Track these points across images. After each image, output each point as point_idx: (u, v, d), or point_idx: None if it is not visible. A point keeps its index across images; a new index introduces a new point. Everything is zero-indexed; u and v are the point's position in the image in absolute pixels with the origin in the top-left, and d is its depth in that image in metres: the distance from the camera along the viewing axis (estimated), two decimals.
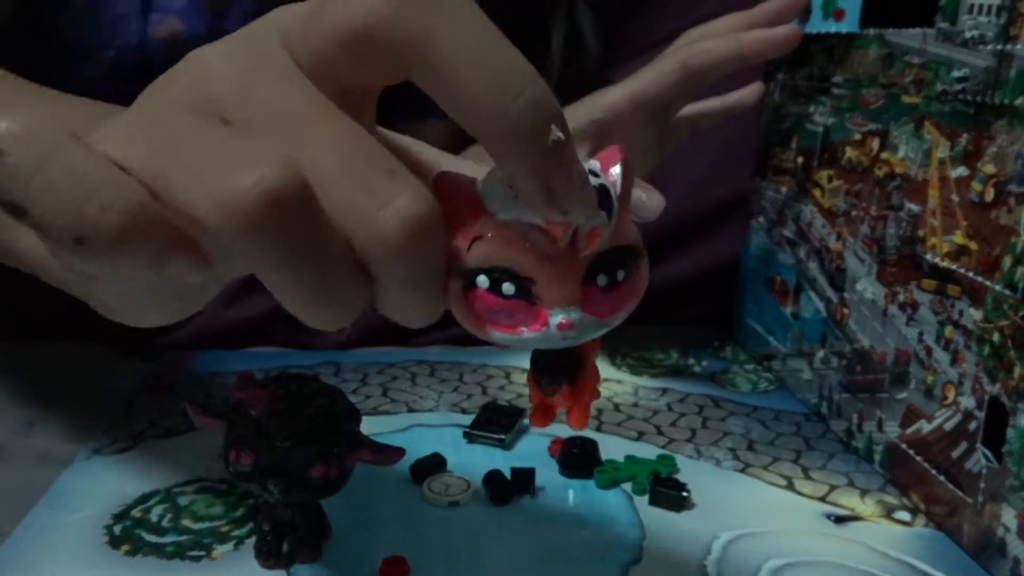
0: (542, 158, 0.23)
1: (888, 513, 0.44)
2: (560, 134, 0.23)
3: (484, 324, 0.26)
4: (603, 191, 0.25)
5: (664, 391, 0.58)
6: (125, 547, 0.40)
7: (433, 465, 0.46)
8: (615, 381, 0.60)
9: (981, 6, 0.41)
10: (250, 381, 0.37)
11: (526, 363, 0.62)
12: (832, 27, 0.52)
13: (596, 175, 0.26)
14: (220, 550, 0.40)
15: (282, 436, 0.36)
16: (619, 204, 0.26)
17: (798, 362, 0.57)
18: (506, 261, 0.25)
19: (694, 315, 0.70)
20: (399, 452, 0.39)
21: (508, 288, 0.25)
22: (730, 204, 0.67)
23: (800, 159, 0.57)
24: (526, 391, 0.58)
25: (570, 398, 0.30)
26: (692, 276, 0.69)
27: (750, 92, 0.61)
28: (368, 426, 0.39)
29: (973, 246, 0.41)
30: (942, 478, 0.42)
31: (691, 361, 0.63)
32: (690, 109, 0.61)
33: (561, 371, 0.30)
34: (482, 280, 0.25)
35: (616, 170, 0.26)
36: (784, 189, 0.59)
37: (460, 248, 0.25)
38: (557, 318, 0.25)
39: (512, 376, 0.60)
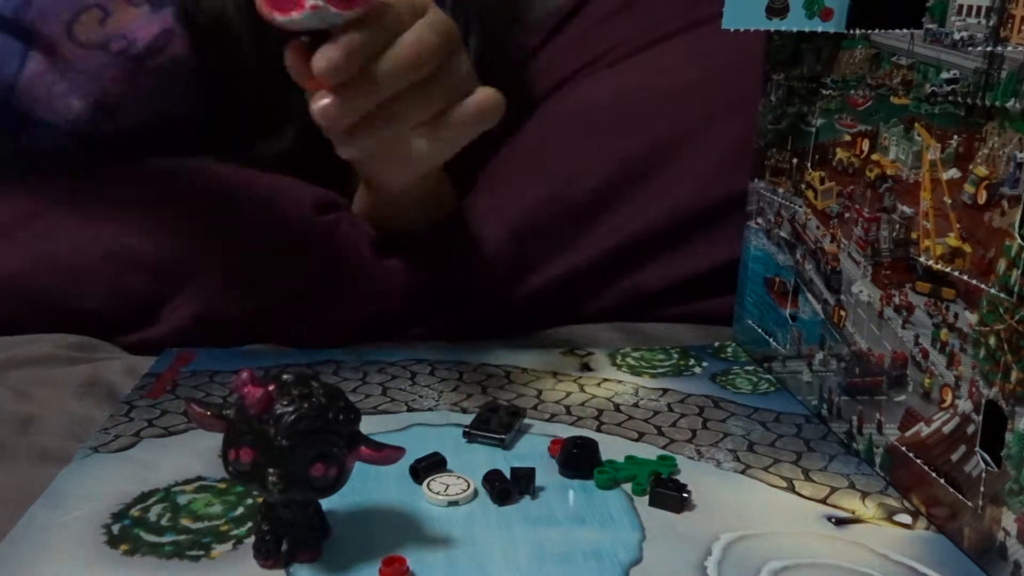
0: None
1: (889, 515, 0.44)
2: None
3: (272, 10, 0.43)
4: None
5: (664, 391, 0.58)
6: (124, 546, 0.40)
7: (433, 464, 0.46)
8: (615, 381, 0.60)
9: (970, 7, 0.40)
10: (249, 380, 0.37)
11: (525, 362, 0.62)
12: (819, 27, 0.52)
13: None
14: (219, 549, 0.40)
15: (281, 435, 0.36)
16: None
17: (798, 364, 0.57)
18: None
19: (695, 315, 0.70)
20: (399, 451, 0.39)
21: None
22: (732, 204, 0.67)
23: (795, 160, 0.57)
24: (526, 391, 0.58)
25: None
26: (693, 276, 0.69)
27: None
28: (367, 425, 0.39)
29: (967, 249, 0.41)
30: (942, 481, 0.42)
31: (692, 362, 0.63)
32: None
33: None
34: None
35: None
36: (781, 190, 0.59)
37: None
38: (310, 2, 0.42)
39: (512, 376, 0.60)
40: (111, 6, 0.67)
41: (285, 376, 0.38)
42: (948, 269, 0.42)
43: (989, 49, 0.39)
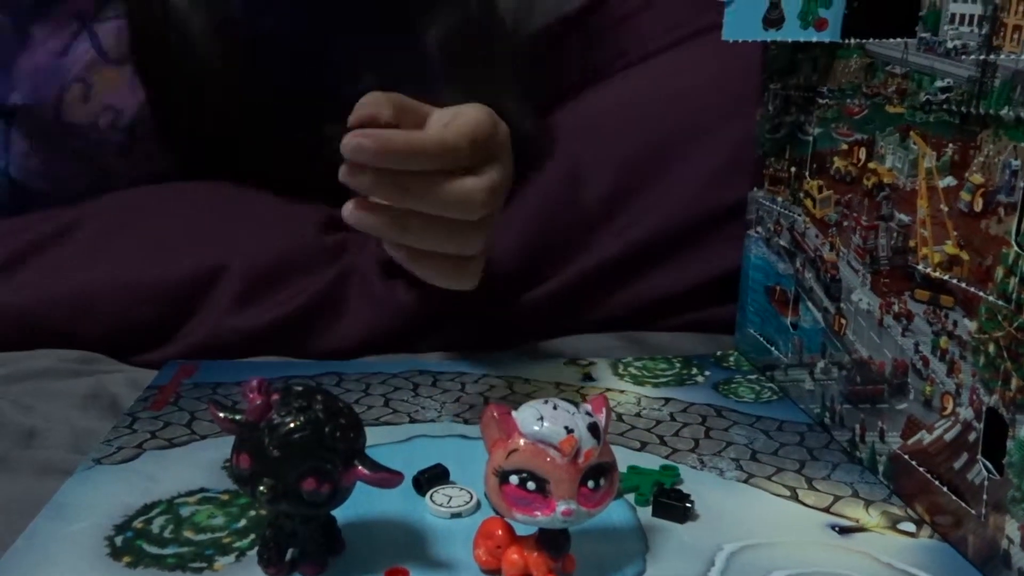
0: None
1: (893, 524, 0.44)
2: None
3: (511, 508, 0.36)
4: (594, 426, 0.37)
5: (667, 401, 0.58)
6: (126, 558, 0.40)
7: (436, 476, 0.46)
8: (618, 391, 0.60)
9: (963, 16, 0.41)
10: (256, 387, 0.37)
11: (528, 373, 0.62)
12: (814, 37, 0.52)
13: (590, 415, 0.37)
14: (222, 562, 0.40)
15: (273, 445, 0.36)
16: (603, 435, 0.37)
17: (800, 372, 0.57)
18: (531, 467, 0.36)
19: (697, 324, 0.70)
20: (396, 476, 0.38)
21: (531, 485, 0.36)
22: (733, 211, 0.67)
23: (793, 169, 0.57)
24: (528, 400, 0.57)
25: (571, 562, 0.39)
26: (695, 284, 0.69)
27: None
28: (370, 437, 0.39)
29: (964, 256, 0.41)
30: (945, 489, 0.42)
31: (694, 371, 0.63)
32: None
33: (565, 543, 0.38)
34: (513, 479, 0.36)
35: (603, 413, 0.38)
36: (779, 199, 0.59)
37: (500, 455, 0.36)
38: (562, 507, 0.36)
39: (515, 386, 0.60)
40: (91, 76, 0.68)
41: (293, 388, 0.38)
42: (946, 277, 0.42)
43: (982, 58, 0.39)
